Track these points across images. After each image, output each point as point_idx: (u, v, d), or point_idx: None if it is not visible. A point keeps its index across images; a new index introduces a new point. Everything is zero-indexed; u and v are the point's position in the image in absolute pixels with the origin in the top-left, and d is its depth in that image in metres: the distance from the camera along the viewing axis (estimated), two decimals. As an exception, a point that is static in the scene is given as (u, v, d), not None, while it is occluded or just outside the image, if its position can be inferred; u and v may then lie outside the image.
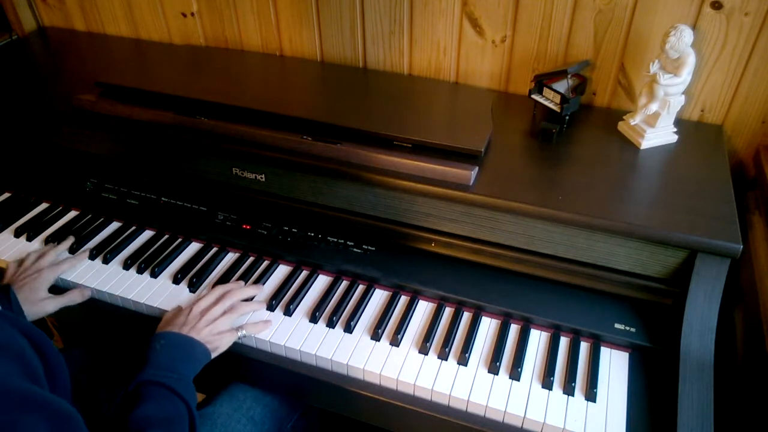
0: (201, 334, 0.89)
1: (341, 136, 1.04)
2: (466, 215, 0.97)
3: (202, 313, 0.92)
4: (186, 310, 0.92)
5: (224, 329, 0.92)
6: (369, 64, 1.35)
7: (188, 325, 0.89)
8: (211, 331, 0.90)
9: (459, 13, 1.20)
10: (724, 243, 0.85)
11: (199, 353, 0.87)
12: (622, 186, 0.97)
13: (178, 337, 0.87)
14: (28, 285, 0.97)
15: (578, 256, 0.95)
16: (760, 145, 1.12)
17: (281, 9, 1.34)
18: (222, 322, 0.92)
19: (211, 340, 0.90)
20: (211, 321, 0.91)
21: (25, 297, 0.95)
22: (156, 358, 0.83)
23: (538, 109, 1.16)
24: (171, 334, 0.87)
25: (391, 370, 0.90)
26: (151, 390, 0.78)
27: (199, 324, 0.90)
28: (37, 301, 0.96)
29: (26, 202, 1.23)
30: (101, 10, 1.55)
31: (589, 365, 0.89)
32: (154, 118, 1.12)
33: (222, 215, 1.13)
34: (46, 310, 0.97)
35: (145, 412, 0.76)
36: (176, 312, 0.94)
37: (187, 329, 0.88)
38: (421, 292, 1.01)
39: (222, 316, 0.93)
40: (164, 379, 0.80)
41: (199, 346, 0.87)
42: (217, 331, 0.91)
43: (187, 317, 0.91)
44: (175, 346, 0.86)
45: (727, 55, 1.06)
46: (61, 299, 0.99)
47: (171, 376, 0.80)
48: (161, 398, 0.78)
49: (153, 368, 0.81)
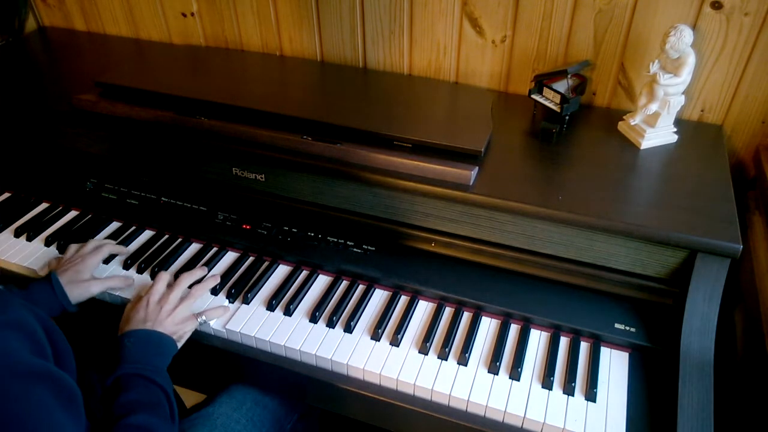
0: (164, 326, 0.91)
1: (341, 136, 1.04)
2: (466, 215, 0.97)
3: (160, 304, 0.93)
4: (143, 302, 0.93)
5: (185, 316, 0.94)
6: (369, 64, 1.35)
7: (150, 319, 0.91)
8: (173, 321, 0.92)
9: (459, 13, 1.20)
10: (724, 243, 0.85)
11: (167, 345, 0.89)
12: (622, 186, 0.97)
13: (145, 333, 0.88)
14: (72, 269, 0.99)
15: (578, 256, 0.95)
16: (760, 145, 1.12)
17: (281, 9, 1.34)
18: (181, 310, 0.94)
19: (175, 330, 0.92)
20: (171, 311, 0.93)
21: (69, 279, 0.97)
22: (129, 354, 0.84)
23: (538, 109, 1.16)
24: (139, 331, 0.88)
25: (391, 370, 0.90)
26: (130, 380, 0.81)
27: (160, 316, 0.91)
28: (82, 281, 0.98)
29: (26, 202, 1.23)
30: (101, 10, 1.55)
31: (589, 365, 0.89)
32: (154, 118, 1.12)
33: (222, 215, 1.13)
34: (91, 291, 0.98)
35: (128, 398, 0.78)
36: (133, 306, 0.94)
37: (151, 324, 0.90)
38: (421, 292, 1.01)
39: (180, 304, 0.94)
40: (141, 370, 0.82)
41: (166, 338, 0.89)
42: (179, 320, 0.93)
43: (146, 311, 0.92)
44: (144, 342, 0.87)
45: (727, 55, 1.06)
46: (106, 282, 1.01)
47: (147, 368, 0.83)
48: (141, 387, 0.80)
49: (128, 363, 0.83)
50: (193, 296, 0.97)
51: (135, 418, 0.75)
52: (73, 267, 1.00)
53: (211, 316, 0.96)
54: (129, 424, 0.75)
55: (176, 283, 0.97)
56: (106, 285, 1.00)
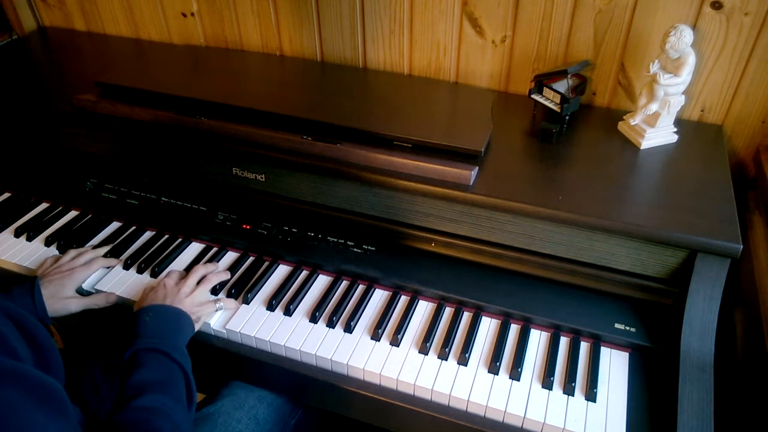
0: (184, 304, 0.91)
1: (341, 136, 1.04)
2: (466, 215, 0.97)
3: (178, 286, 0.94)
4: (161, 285, 0.94)
5: (203, 300, 0.95)
6: (369, 64, 1.35)
7: (170, 297, 0.91)
8: (192, 302, 0.93)
9: (459, 13, 1.20)
10: (724, 243, 0.85)
11: (186, 323, 0.89)
12: (622, 186, 0.97)
13: (164, 308, 0.88)
14: (57, 281, 0.98)
15: (578, 256, 0.95)
16: (760, 145, 1.12)
17: (281, 9, 1.34)
18: (199, 292, 0.95)
19: (194, 311, 0.92)
20: (190, 292, 0.94)
21: (51, 293, 0.96)
22: (146, 328, 0.84)
23: (538, 109, 1.16)
24: (157, 306, 0.88)
25: (391, 370, 0.90)
26: (146, 356, 0.80)
27: (179, 295, 0.92)
28: (62, 298, 0.97)
29: (26, 202, 1.23)
30: (101, 10, 1.55)
31: (589, 365, 0.89)
32: (154, 118, 1.12)
33: (222, 215, 1.13)
34: (69, 308, 0.97)
35: (141, 377, 0.77)
36: (152, 288, 0.94)
37: (170, 301, 0.90)
38: (421, 292, 1.01)
39: (198, 287, 0.96)
40: (158, 345, 0.81)
41: (185, 316, 0.89)
42: (198, 302, 0.94)
43: (165, 291, 0.92)
44: (163, 317, 0.87)
45: (727, 55, 1.06)
46: (86, 300, 0.99)
47: (164, 343, 0.82)
48: (156, 363, 0.80)
49: (145, 338, 0.82)
50: (209, 281, 0.98)
51: (145, 399, 0.73)
52: (59, 279, 0.98)
53: (227, 305, 0.98)
54: (138, 406, 0.72)
55: (192, 271, 0.99)
56: (87, 303, 0.99)
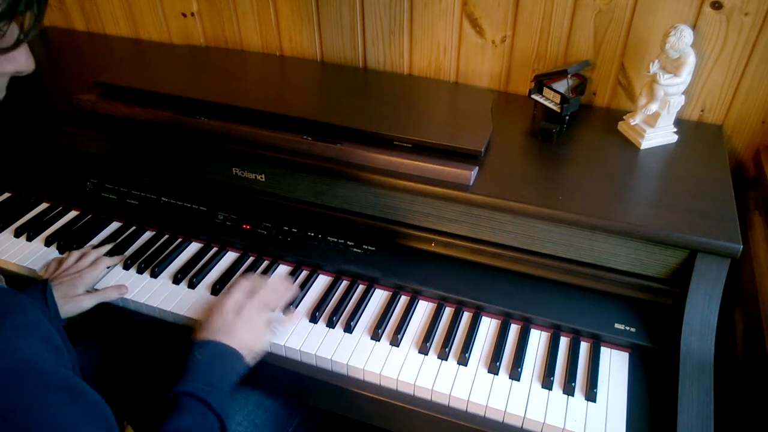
0: (238, 337, 0.86)
1: (341, 136, 1.04)
2: (466, 215, 0.97)
3: (238, 312, 0.89)
4: (220, 308, 0.89)
5: (261, 329, 0.90)
6: (369, 64, 1.35)
7: (225, 328, 0.86)
8: (249, 332, 0.88)
9: (459, 13, 1.20)
10: (724, 243, 0.85)
11: (237, 364, 0.85)
12: (622, 186, 0.97)
13: (216, 347, 0.84)
14: (68, 283, 0.98)
15: (578, 256, 0.95)
16: (760, 145, 1.12)
17: (281, 9, 1.34)
18: (258, 321, 0.90)
19: (249, 344, 0.87)
20: (248, 321, 0.89)
21: (62, 294, 0.96)
22: (195, 368, 0.81)
23: (538, 109, 1.16)
24: (210, 344, 0.85)
25: (391, 370, 0.90)
26: (188, 402, 0.77)
27: (236, 327, 0.87)
28: (74, 297, 0.97)
29: (26, 202, 1.23)
30: (101, 10, 1.55)
31: (589, 365, 0.89)
32: (154, 118, 1.12)
33: (222, 215, 1.13)
34: (82, 306, 0.97)
35: (179, 425, 0.75)
36: (212, 310, 0.91)
37: (225, 334, 0.86)
38: (421, 292, 1.01)
39: (258, 315, 0.90)
40: (201, 392, 0.78)
41: (236, 356, 0.85)
42: (255, 332, 0.89)
43: (223, 319, 0.88)
44: (213, 357, 0.83)
45: (727, 55, 1.06)
46: (98, 295, 0.99)
47: (208, 390, 0.79)
48: (196, 413, 0.77)
49: (191, 380, 0.79)
50: (269, 306, 0.93)
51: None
52: (69, 281, 0.98)
53: (285, 324, 0.93)
54: None
55: (256, 295, 0.93)
56: (99, 298, 0.99)
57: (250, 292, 0.93)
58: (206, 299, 1.01)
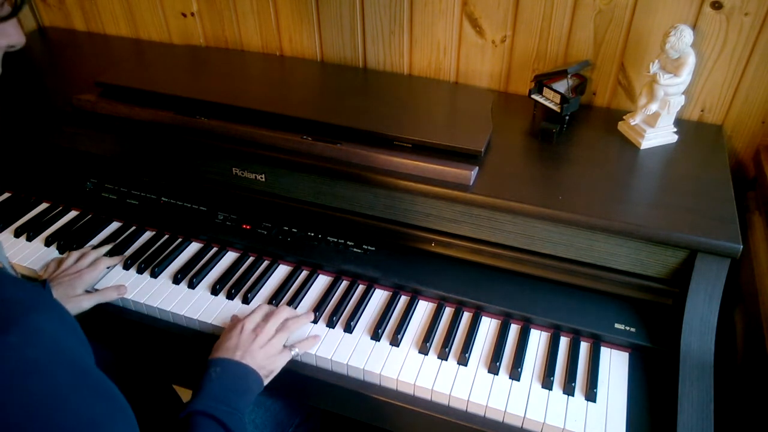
0: (256, 359, 0.86)
1: (341, 136, 1.04)
2: (466, 215, 0.97)
3: (255, 332, 0.89)
4: (238, 328, 0.89)
5: (278, 350, 0.90)
6: (369, 64, 1.35)
7: (242, 348, 0.86)
8: (266, 354, 0.87)
9: (459, 13, 1.20)
10: (724, 243, 0.85)
11: (253, 383, 0.84)
12: (622, 186, 0.97)
13: (233, 365, 0.84)
14: (67, 283, 0.97)
15: (578, 256, 0.95)
16: (760, 145, 1.12)
17: (281, 9, 1.34)
18: (276, 341, 0.90)
19: (266, 364, 0.87)
20: (265, 342, 0.88)
21: (61, 294, 0.96)
22: (211, 386, 0.80)
23: (538, 109, 1.16)
24: (227, 362, 0.84)
25: (391, 370, 0.90)
26: (202, 421, 0.76)
27: (253, 346, 0.87)
28: (73, 297, 0.96)
29: (26, 202, 1.23)
30: (101, 10, 1.55)
31: (589, 365, 0.89)
32: (154, 118, 1.12)
33: (222, 215, 1.13)
34: (82, 306, 0.96)
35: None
36: (229, 330, 0.91)
37: (241, 353, 0.85)
38: (421, 292, 1.01)
39: (275, 336, 0.90)
40: (216, 412, 0.77)
41: (253, 375, 0.84)
42: (272, 354, 0.88)
43: (239, 338, 0.87)
44: (230, 375, 0.83)
45: (727, 55, 1.06)
46: (97, 296, 0.98)
47: (224, 410, 0.78)
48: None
49: (207, 398, 0.78)
50: (288, 329, 0.92)
51: None
52: (69, 281, 0.98)
53: (304, 347, 0.92)
54: None
55: (274, 313, 0.93)
56: (99, 298, 0.98)
57: (268, 315, 0.93)
58: (206, 299, 1.01)
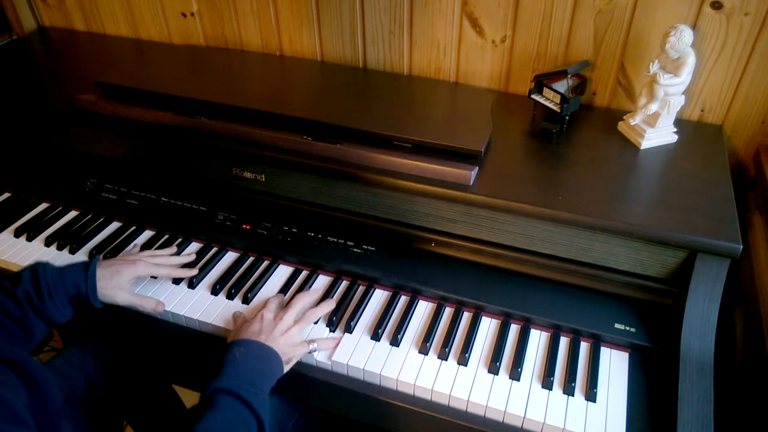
0: (277, 344, 0.86)
1: (341, 136, 1.04)
2: (466, 215, 0.97)
3: (276, 321, 0.90)
4: (258, 317, 0.90)
5: (298, 341, 0.90)
6: (369, 64, 1.35)
7: (264, 333, 0.87)
8: (286, 342, 0.88)
9: (459, 13, 1.20)
10: (724, 243, 0.85)
11: (276, 366, 0.85)
12: (622, 186, 0.97)
13: (257, 346, 0.84)
14: (120, 266, 0.96)
15: (578, 256, 0.95)
16: (760, 145, 1.12)
17: (281, 9, 1.34)
18: (295, 331, 0.90)
19: (287, 351, 0.88)
20: (285, 330, 0.89)
21: (108, 274, 0.93)
22: (235, 365, 0.80)
23: (538, 109, 1.16)
24: (251, 342, 0.84)
25: (391, 370, 0.90)
26: (225, 400, 0.75)
27: (274, 333, 0.87)
28: (115, 285, 0.94)
29: (26, 202, 1.23)
30: (101, 10, 1.55)
31: (589, 365, 0.89)
32: (154, 118, 1.12)
33: (222, 215, 1.13)
34: (116, 299, 0.94)
35: (213, 425, 0.73)
36: (247, 318, 0.91)
37: (264, 338, 0.86)
38: (421, 292, 1.01)
39: (294, 326, 0.91)
40: (241, 391, 0.76)
41: (276, 358, 0.85)
42: (292, 342, 0.89)
43: (261, 325, 0.88)
44: (254, 355, 0.83)
45: (727, 55, 1.06)
46: (134, 299, 0.96)
47: (248, 389, 0.78)
48: (233, 412, 0.75)
49: (231, 377, 0.78)
50: (306, 319, 0.93)
51: None
52: (120, 265, 0.96)
53: (322, 346, 0.92)
54: None
55: (292, 303, 0.94)
56: (135, 302, 0.96)
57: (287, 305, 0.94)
58: (206, 299, 1.01)
